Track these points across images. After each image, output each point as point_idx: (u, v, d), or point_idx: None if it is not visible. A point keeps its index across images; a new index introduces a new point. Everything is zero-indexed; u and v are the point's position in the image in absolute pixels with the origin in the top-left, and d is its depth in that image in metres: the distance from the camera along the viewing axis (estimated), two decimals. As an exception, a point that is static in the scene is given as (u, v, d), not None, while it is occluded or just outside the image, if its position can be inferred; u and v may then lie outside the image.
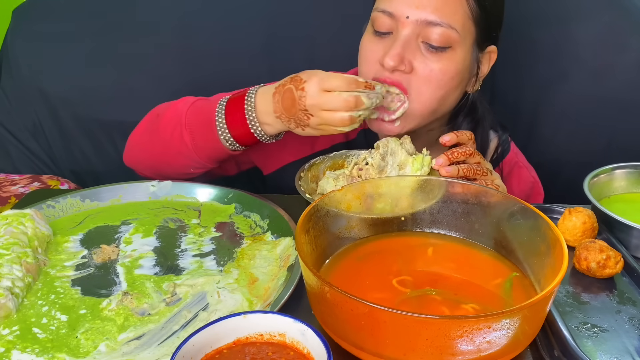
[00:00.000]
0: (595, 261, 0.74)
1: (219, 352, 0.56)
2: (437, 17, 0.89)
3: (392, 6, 0.91)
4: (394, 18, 0.91)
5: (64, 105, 1.37)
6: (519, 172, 1.12)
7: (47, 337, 0.67)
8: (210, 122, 0.92)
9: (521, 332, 0.58)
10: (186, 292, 0.74)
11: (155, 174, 1.02)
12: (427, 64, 0.91)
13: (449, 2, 0.90)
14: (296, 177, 0.90)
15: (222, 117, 0.92)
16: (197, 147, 0.94)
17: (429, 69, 0.91)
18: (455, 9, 0.90)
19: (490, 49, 0.98)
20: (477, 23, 0.93)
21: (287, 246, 0.83)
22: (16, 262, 0.74)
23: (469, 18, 0.92)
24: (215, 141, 0.93)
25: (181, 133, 0.94)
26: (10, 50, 1.38)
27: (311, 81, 0.85)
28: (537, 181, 1.14)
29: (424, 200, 0.79)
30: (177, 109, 0.97)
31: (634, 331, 0.66)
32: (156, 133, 0.99)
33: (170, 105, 1.00)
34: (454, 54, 0.92)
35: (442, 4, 0.89)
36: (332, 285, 0.57)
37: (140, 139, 1.03)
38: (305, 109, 0.85)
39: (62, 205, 0.92)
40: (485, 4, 0.93)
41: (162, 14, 1.38)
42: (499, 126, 1.09)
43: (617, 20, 1.31)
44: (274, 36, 1.36)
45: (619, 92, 1.32)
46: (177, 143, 0.95)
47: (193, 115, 0.95)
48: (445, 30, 0.90)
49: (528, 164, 1.15)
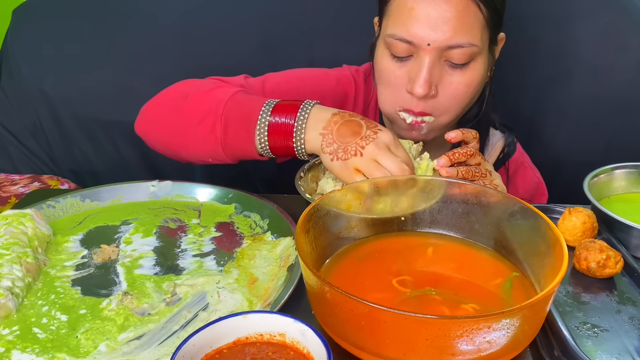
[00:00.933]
0: (595, 261, 0.74)
1: (219, 352, 0.56)
2: (458, 39, 0.88)
3: (410, 34, 0.89)
4: (414, 45, 0.90)
5: (64, 105, 1.37)
6: (524, 172, 1.12)
7: (47, 337, 0.67)
8: (251, 121, 0.87)
9: (521, 332, 0.58)
10: (186, 292, 0.74)
11: (166, 150, 0.98)
12: (451, 81, 0.92)
13: (465, 20, 0.88)
14: (296, 177, 0.90)
15: (265, 120, 0.87)
16: (226, 143, 0.89)
17: (454, 86, 0.92)
18: (472, 24, 0.89)
19: (500, 36, 0.99)
20: (490, 26, 0.93)
21: (287, 246, 0.83)
22: (16, 262, 0.74)
23: (484, 27, 0.91)
24: (249, 142, 0.88)
25: (213, 123, 0.89)
26: (10, 50, 1.38)
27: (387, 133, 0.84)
28: (542, 182, 1.14)
29: (424, 200, 0.79)
30: (214, 96, 0.91)
31: (634, 331, 0.66)
32: (181, 113, 0.92)
33: (203, 88, 0.94)
34: (476, 65, 0.93)
35: (460, 24, 0.88)
36: (332, 285, 0.57)
37: (160, 113, 0.97)
38: (363, 146, 0.82)
39: (62, 205, 0.92)
40: (496, 7, 0.92)
41: (162, 14, 1.38)
42: (506, 127, 1.09)
43: (617, 20, 1.31)
44: (273, 36, 1.36)
45: (619, 92, 1.33)
46: (204, 131, 0.90)
47: (233, 108, 0.89)
48: (467, 49, 0.90)
49: (533, 165, 1.15)
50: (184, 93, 0.95)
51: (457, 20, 0.88)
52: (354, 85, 1.10)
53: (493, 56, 0.98)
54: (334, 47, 1.35)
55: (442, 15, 0.87)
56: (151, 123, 0.98)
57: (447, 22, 0.87)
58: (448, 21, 0.87)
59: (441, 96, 0.93)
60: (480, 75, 0.94)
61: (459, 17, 0.88)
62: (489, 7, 0.90)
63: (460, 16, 0.88)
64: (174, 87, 0.98)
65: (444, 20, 0.87)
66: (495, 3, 0.91)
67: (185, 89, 0.96)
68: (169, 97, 0.97)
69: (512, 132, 1.10)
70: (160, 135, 0.97)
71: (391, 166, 0.81)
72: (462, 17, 0.88)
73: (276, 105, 0.88)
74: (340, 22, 1.36)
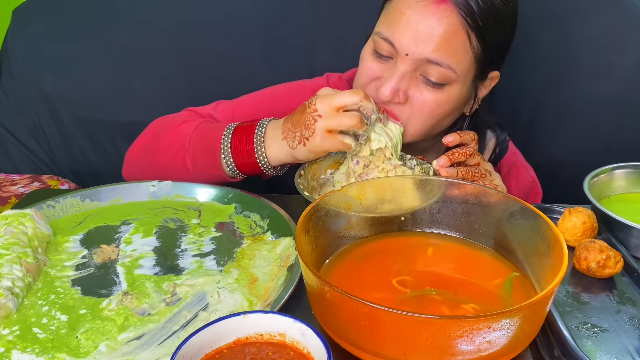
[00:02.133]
0: (595, 261, 0.74)
1: (219, 352, 0.56)
2: (437, 57, 0.87)
3: (393, 37, 0.89)
4: (395, 49, 0.90)
5: (64, 105, 1.37)
6: (517, 172, 1.12)
7: (47, 337, 0.67)
8: (215, 148, 0.92)
9: (521, 332, 0.58)
10: (186, 292, 0.74)
11: None
12: (422, 93, 0.91)
13: (451, 42, 0.87)
14: (296, 176, 0.90)
15: (228, 143, 0.91)
16: (198, 174, 0.95)
17: (422, 99, 0.91)
18: (457, 50, 0.88)
19: (493, 75, 0.97)
20: (479, 61, 0.91)
21: (287, 246, 0.83)
22: (16, 262, 0.74)
23: (470, 58, 0.90)
24: (217, 168, 0.93)
25: (184, 158, 0.94)
26: (10, 50, 1.38)
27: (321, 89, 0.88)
28: (536, 181, 1.14)
29: (424, 199, 0.79)
30: (180, 132, 0.96)
31: (634, 331, 0.66)
32: (156, 155, 0.98)
33: (171, 126, 0.99)
34: (451, 89, 0.91)
35: (444, 44, 0.87)
36: (332, 285, 0.57)
37: (139, 158, 1.02)
38: (315, 109, 0.85)
39: (62, 205, 0.92)
40: (490, 44, 0.90)
41: (162, 15, 1.37)
42: (497, 126, 1.09)
43: (617, 20, 1.31)
44: (274, 37, 1.36)
45: (618, 92, 1.32)
46: (178, 167, 0.95)
47: (197, 139, 0.94)
48: (445, 70, 0.88)
49: (526, 164, 1.15)
50: (155, 134, 1.01)
51: (442, 40, 0.87)
52: None
53: (476, 90, 0.97)
54: (333, 49, 1.35)
55: (428, 30, 0.87)
56: (133, 168, 1.04)
57: (432, 38, 0.87)
58: (433, 38, 0.87)
59: (408, 104, 0.92)
60: (452, 102, 0.92)
61: (445, 38, 0.87)
62: (481, 41, 0.89)
63: (447, 37, 0.87)
64: (147, 129, 1.04)
65: (429, 35, 0.87)
66: (490, 40, 0.90)
67: (157, 130, 1.01)
68: (143, 141, 1.03)
69: (504, 131, 1.09)
70: (143, 178, 1.01)
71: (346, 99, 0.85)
72: (449, 39, 0.87)
73: (235, 128, 0.93)
74: (340, 25, 1.36)
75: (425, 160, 0.94)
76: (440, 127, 0.97)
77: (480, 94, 0.98)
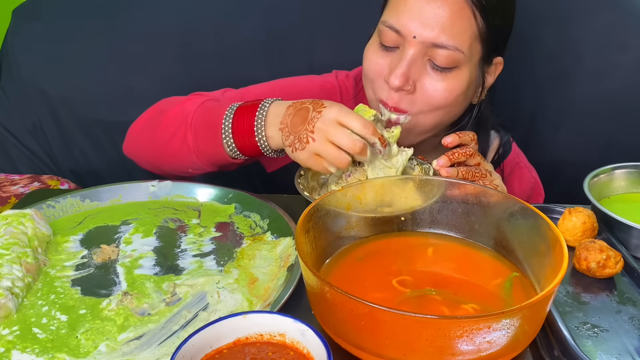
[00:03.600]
0: (595, 261, 0.74)
1: (219, 352, 0.56)
2: (444, 39, 0.88)
3: (399, 23, 0.90)
4: (401, 35, 0.90)
5: (64, 105, 1.37)
6: (520, 173, 1.12)
7: (47, 337, 0.67)
8: (216, 125, 0.90)
9: (521, 332, 0.58)
10: (186, 292, 0.74)
11: (153, 167, 1.01)
12: (431, 83, 0.91)
13: (456, 23, 0.88)
14: (296, 176, 0.90)
15: (229, 122, 0.90)
16: (198, 150, 0.93)
17: (432, 88, 0.91)
18: (462, 29, 0.89)
19: (497, 60, 0.98)
20: (485, 41, 0.92)
21: (287, 246, 0.83)
22: (16, 262, 0.74)
23: (476, 38, 0.90)
24: (218, 146, 0.91)
25: (185, 133, 0.93)
26: (10, 50, 1.38)
27: (331, 108, 0.82)
28: (538, 182, 1.14)
29: (424, 199, 0.79)
30: (185, 108, 0.95)
31: (634, 331, 0.66)
32: (158, 128, 0.97)
33: (177, 102, 0.98)
34: (460, 73, 0.91)
35: (450, 25, 0.88)
36: (332, 285, 0.57)
37: (142, 132, 1.01)
38: (312, 130, 0.82)
39: (62, 205, 0.92)
40: (494, 22, 0.91)
41: (163, 14, 1.37)
42: (501, 127, 1.09)
43: (617, 20, 1.31)
44: (274, 36, 1.36)
45: (619, 92, 1.32)
46: (178, 142, 0.94)
47: (200, 116, 0.93)
48: (452, 52, 0.89)
49: (529, 165, 1.15)
50: (160, 109, 1.00)
51: (448, 21, 0.88)
52: (339, 91, 1.10)
53: (483, 76, 0.97)
54: (333, 47, 1.35)
55: (434, 11, 0.87)
56: (134, 142, 1.04)
57: (438, 19, 0.87)
58: (439, 19, 0.87)
59: (418, 95, 0.92)
60: (461, 86, 0.92)
61: (451, 18, 0.88)
62: (485, 19, 0.90)
63: (453, 17, 0.88)
64: (153, 106, 1.03)
65: (435, 16, 0.87)
66: (494, 18, 0.90)
67: (162, 106, 1.01)
68: (148, 115, 1.02)
69: (507, 132, 1.09)
70: (144, 152, 1.01)
71: (343, 141, 0.80)
72: (454, 19, 0.88)
73: (238, 107, 0.91)
74: (341, 23, 1.36)
75: (425, 160, 0.94)
76: (450, 117, 0.97)
77: (487, 82, 0.98)
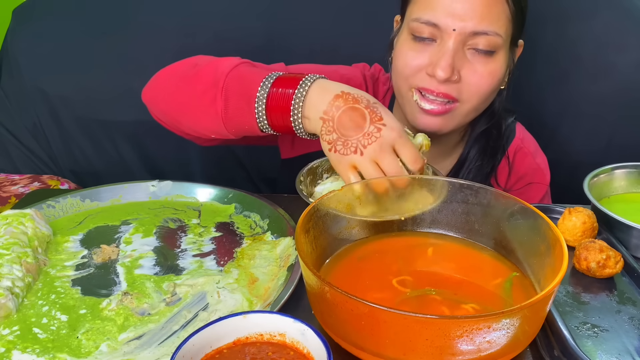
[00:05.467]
0: (595, 261, 0.74)
1: (219, 352, 0.56)
2: (484, 26, 0.90)
3: (436, 17, 0.90)
4: (439, 29, 0.91)
5: (64, 105, 1.38)
6: (522, 159, 1.11)
7: (48, 337, 0.67)
8: (250, 95, 0.83)
9: (521, 332, 0.58)
10: (186, 292, 0.74)
11: (169, 121, 0.95)
12: (476, 69, 0.93)
13: (492, 9, 0.90)
14: (296, 181, 0.90)
15: (264, 94, 0.82)
16: (227, 117, 0.85)
17: (478, 75, 0.93)
18: (498, 14, 0.91)
19: (520, 42, 1.00)
20: (515, 23, 0.94)
21: (287, 246, 0.83)
22: (16, 262, 0.74)
23: (509, 20, 0.93)
24: (249, 117, 0.83)
25: (215, 96, 0.85)
26: (10, 50, 1.38)
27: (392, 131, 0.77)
28: (541, 169, 1.13)
29: (428, 202, 0.78)
30: (218, 68, 0.87)
31: (634, 331, 0.66)
32: (187, 83, 0.89)
33: (212, 61, 0.90)
34: (499, 56, 0.94)
35: (487, 12, 0.89)
36: (332, 285, 0.57)
37: (168, 81, 0.94)
38: (365, 146, 0.76)
39: (62, 205, 0.92)
40: (521, 3, 0.93)
41: (163, 14, 1.38)
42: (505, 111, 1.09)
43: (617, 20, 1.31)
44: (275, 37, 1.36)
45: (619, 91, 1.33)
46: (206, 104, 0.86)
47: (233, 81, 0.84)
48: (492, 37, 0.91)
49: (535, 151, 1.14)
50: (194, 63, 0.92)
51: (485, 8, 0.89)
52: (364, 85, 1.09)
53: (513, 59, 0.99)
54: (334, 48, 1.35)
55: (470, 1, 0.89)
56: (158, 89, 0.96)
57: (475, 9, 0.89)
58: (475, 8, 0.89)
59: (465, 83, 0.93)
60: (501, 69, 0.95)
61: (487, 5, 0.89)
62: (515, 3, 0.92)
63: (488, 4, 0.89)
64: (189, 59, 0.95)
65: (471, 6, 0.89)
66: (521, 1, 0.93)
67: (197, 60, 0.93)
68: (180, 66, 0.94)
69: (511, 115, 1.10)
70: (165, 103, 0.94)
71: (390, 170, 0.77)
72: (490, 6, 0.90)
73: (277, 78, 0.83)
74: (341, 24, 1.36)
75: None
76: (490, 100, 0.99)
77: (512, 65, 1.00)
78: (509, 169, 1.09)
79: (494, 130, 1.06)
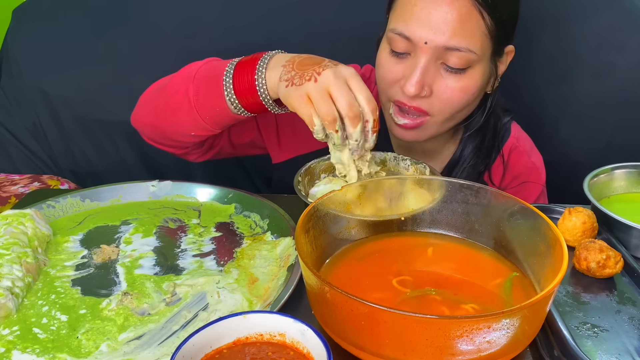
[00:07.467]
0: (595, 261, 0.74)
1: (219, 352, 0.56)
2: (456, 42, 0.88)
3: (409, 30, 0.90)
4: (412, 42, 0.90)
5: (64, 105, 1.38)
6: (517, 157, 1.10)
7: (48, 338, 0.67)
8: (218, 76, 0.87)
9: (521, 332, 0.58)
10: (186, 292, 0.74)
11: (156, 134, 0.98)
12: (447, 85, 0.92)
13: (466, 25, 0.89)
14: (295, 182, 0.90)
15: (231, 71, 0.87)
16: (199, 103, 0.89)
17: (450, 90, 0.92)
18: (472, 30, 0.89)
19: (508, 49, 0.99)
20: (494, 37, 0.92)
21: (287, 246, 0.83)
22: (16, 262, 0.74)
23: (486, 36, 0.91)
24: (220, 98, 0.87)
25: (187, 86, 0.90)
26: (10, 50, 1.38)
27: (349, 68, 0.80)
28: (536, 167, 1.12)
29: (426, 200, 0.78)
30: (191, 67, 0.93)
31: (634, 331, 0.66)
32: (163, 89, 0.95)
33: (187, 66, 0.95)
34: (473, 72, 0.93)
35: (460, 28, 0.88)
36: (332, 285, 0.57)
37: (148, 96, 0.99)
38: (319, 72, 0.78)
39: (62, 205, 0.92)
40: (501, 17, 0.91)
41: (163, 14, 1.38)
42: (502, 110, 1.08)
43: (617, 20, 1.31)
44: (274, 37, 1.36)
45: (619, 92, 1.33)
46: (180, 96, 0.90)
47: (205, 70, 0.90)
48: (465, 54, 0.90)
49: (530, 150, 1.13)
50: (170, 75, 0.96)
51: (458, 24, 0.88)
52: None
53: (496, 67, 0.98)
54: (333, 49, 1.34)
55: (443, 16, 0.88)
56: (140, 107, 1.00)
57: (448, 23, 0.88)
58: (448, 23, 0.88)
59: (435, 97, 0.93)
60: (477, 84, 0.94)
61: (460, 21, 0.88)
62: (493, 17, 0.90)
63: (462, 20, 0.88)
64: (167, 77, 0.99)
65: (444, 21, 0.88)
66: (501, 14, 0.91)
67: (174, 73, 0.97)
68: (157, 82, 0.99)
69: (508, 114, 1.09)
70: (147, 115, 0.98)
71: (341, 99, 0.76)
72: (463, 22, 0.88)
73: (241, 59, 0.88)
74: (341, 24, 1.36)
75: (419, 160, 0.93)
76: (467, 112, 0.99)
77: (499, 71, 0.99)
78: (503, 167, 1.09)
79: (489, 129, 1.06)
